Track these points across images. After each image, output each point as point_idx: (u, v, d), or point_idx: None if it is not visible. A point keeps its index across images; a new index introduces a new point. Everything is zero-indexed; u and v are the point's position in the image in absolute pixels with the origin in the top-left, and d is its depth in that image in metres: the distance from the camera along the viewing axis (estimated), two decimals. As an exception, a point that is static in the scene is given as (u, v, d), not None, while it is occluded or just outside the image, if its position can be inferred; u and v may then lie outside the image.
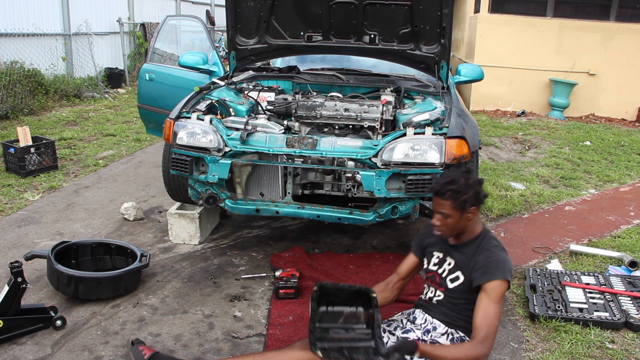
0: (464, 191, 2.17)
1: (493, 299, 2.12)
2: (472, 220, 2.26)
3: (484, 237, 2.29)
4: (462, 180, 2.20)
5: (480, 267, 2.19)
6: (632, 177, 5.89)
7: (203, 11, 15.37)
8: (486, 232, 2.32)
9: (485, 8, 9.50)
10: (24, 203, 4.62)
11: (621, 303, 3.14)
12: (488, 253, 2.22)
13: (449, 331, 2.31)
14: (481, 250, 2.24)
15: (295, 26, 3.97)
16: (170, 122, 3.39)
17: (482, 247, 2.25)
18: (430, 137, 3.13)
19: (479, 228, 2.32)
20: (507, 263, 2.20)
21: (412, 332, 2.36)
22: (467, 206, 2.19)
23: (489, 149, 6.97)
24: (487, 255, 2.21)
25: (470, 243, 2.29)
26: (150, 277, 3.42)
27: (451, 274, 2.32)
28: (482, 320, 2.09)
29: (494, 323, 2.09)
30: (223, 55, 5.98)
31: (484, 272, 2.17)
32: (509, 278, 2.16)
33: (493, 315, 2.10)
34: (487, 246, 2.25)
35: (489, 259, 2.19)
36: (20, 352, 2.64)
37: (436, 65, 3.88)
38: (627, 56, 9.08)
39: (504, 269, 2.17)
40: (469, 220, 2.25)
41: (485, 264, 2.18)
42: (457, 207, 2.18)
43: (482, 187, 2.25)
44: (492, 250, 2.23)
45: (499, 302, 2.12)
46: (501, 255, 2.21)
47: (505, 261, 2.20)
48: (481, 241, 2.28)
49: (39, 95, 8.19)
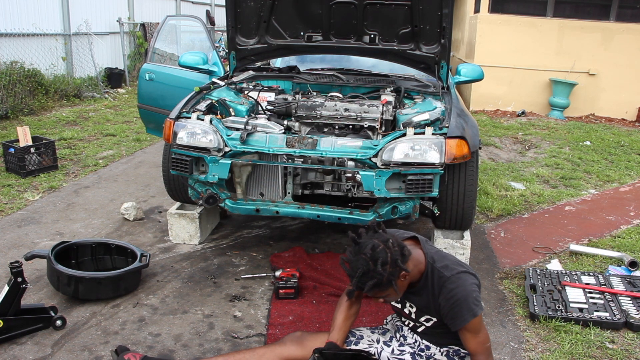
0: (380, 276, 1.93)
1: (474, 331, 2.07)
2: (409, 277, 2.06)
3: (431, 272, 2.11)
4: (372, 266, 1.93)
5: (447, 315, 2.07)
6: (632, 177, 5.89)
7: (203, 11, 15.37)
8: (432, 261, 2.12)
9: (485, 8, 9.50)
10: (24, 203, 4.62)
11: (621, 303, 3.14)
12: (447, 296, 2.05)
13: (442, 349, 2.27)
14: (437, 291, 2.08)
15: (295, 26, 3.97)
16: (170, 122, 3.39)
17: (436, 286, 2.09)
18: (430, 137, 3.12)
19: (421, 266, 2.11)
20: (470, 296, 2.03)
21: (408, 346, 2.33)
22: (394, 281, 1.98)
23: (489, 149, 6.97)
24: (447, 298, 2.05)
25: (422, 285, 2.12)
26: (150, 277, 3.42)
27: (420, 316, 2.22)
28: (476, 349, 2.08)
29: (487, 345, 2.10)
30: (223, 55, 5.98)
31: (453, 318, 2.06)
32: (479, 311, 2.03)
33: (483, 341, 2.09)
34: (441, 283, 2.08)
35: (451, 303, 2.04)
36: (20, 352, 2.64)
37: (436, 65, 3.88)
38: (627, 56, 9.08)
39: (470, 306, 2.02)
40: (407, 280, 2.06)
41: (450, 309, 2.05)
42: (386, 288, 1.98)
43: (396, 249, 1.99)
44: (449, 289, 2.05)
45: (481, 331, 2.08)
46: (460, 291, 2.04)
47: (467, 296, 2.03)
48: (432, 279, 2.10)
49: (39, 95, 8.19)
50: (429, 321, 2.21)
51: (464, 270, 2.11)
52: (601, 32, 9.12)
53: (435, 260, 2.13)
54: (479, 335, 2.08)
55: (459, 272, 2.09)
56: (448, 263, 2.13)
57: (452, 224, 3.57)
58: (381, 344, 2.34)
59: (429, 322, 2.21)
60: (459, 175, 3.37)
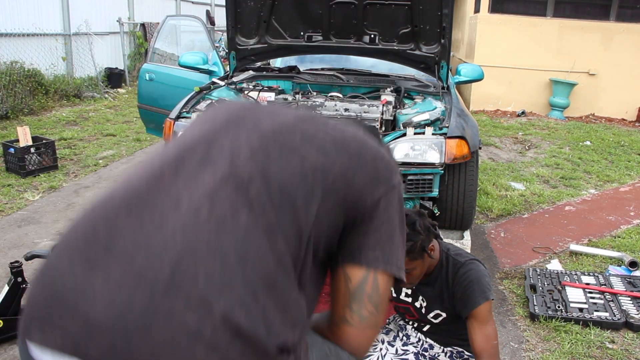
0: (416, 237, 1.91)
1: (482, 321, 2.00)
2: (434, 253, 2.05)
3: (446, 259, 2.10)
4: (408, 229, 1.88)
5: (460, 298, 2.04)
6: (632, 177, 5.89)
7: (203, 11, 15.36)
8: (446, 250, 2.13)
9: (485, 8, 9.50)
10: (24, 203, 4.61)
11: (621, 303, 3.14)
12: (461, 279, 2.04)
13: (446, 350, 2.25)
14: (452, 277, 2.07)
15: (295, 26, 3.97)
16: (170, 122, 3.39)
17: (450, 273, 2.08)
18: (430, 137, 3.13)
19: (438, 252, 2.10)
20: (483, 279, 2.03)
21: (412, 345, 2.32)
22: (425, 250, 1.96)
23: (489, 149, 6.97)
24: (460, 281, 2.04)
25: (437, 273, 2.11)
26: (150, 277, 3.41)
27: (430, 311, 2.18)
28: (481, 346, 1.98)
29: (493, 343, 1.99)
30: (223, 55, 5.98)
31: (465, 302, 2.02)
32: (490, 296, 2.01)
33: (490, 336, 2.00)
34: (456, 269, 2.07)
35: (464, 285, 2.02)
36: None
37: (436, 65, 3.89)
38: (627, 56, 9.07)
39: (483, 288, 2.01)
40: (430, 257, 2.03)
41: (463, 292, 2.02)
42: (416, 257, 1.95)
43: (427, 219, 1.99)
44: (462, 272, 2.05)
45: (489, 321, 2.01)
46: (473, 273, 2.04)
47: (480, 278, 2.02)
48: (447, 266, 2.09)
49: (39, 95, 8.19)
50: (437, 317, 2.19)
51: (476, 259, 2.13)
52: (601, 32, 9.11)
53: (449, 249, 2.15)
54: (487, 327, 2.00)
55: (472, 259, 2.10)
56: (461, 252, 2.15)
57: (452, 224, 3.57)
58: (386, 345, 2.32)
59: (437, 318, 2.19)
60: (459, 175, 3.37)
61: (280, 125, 1.14)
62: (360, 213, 1.11)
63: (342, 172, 1.09)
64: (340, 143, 1.13)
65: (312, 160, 1.07)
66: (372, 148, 1.17)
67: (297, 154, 1.08)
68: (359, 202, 1.10)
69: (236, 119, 1.16)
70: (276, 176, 1.04)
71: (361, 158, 1.13)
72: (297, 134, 1.12)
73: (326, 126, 1.17)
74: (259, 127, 1.12)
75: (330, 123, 1.20)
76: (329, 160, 1.09)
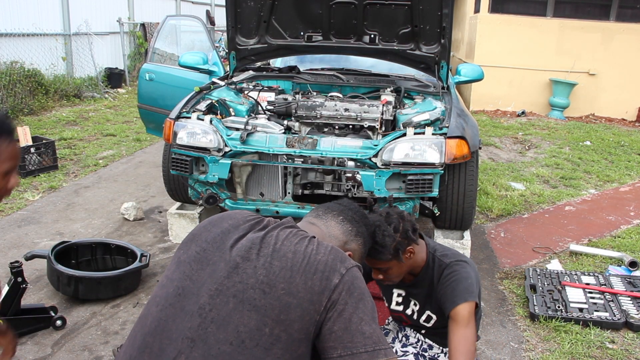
0: (390, 239, 1.90)
1: (461, 323, 1.91)
2: (414, 256, 2.02)
3: (433, 260, 2.08)
4: (384, 228, 1.91)
5: (441, 299, 2.01)
6: (632, 177, 5.89)
7: (203, 11, 15.37)
8: (432, 251, 2.10)
9: (485, 8, 9.50)
10: (24, 203, 4.61)
11: (621, 303, 3.14)
12: (444, 280, 2.00)
13: (445, 350, 2.23)
14: (437, 278, 2.05)
15: (295, 26, 3.97)
16: (170, 122, 3.39)
17: (436, 274, 2.06)
18: (430, 137, 3.13)
19: (423, 254, 2.08)
20: (466, 281, 1.97)
21: (411, 346, 2.31)
22: (400, 253, 1.94)
23: (489, 149, 6.97)
24: (443, 282, 2.01)
25: (424, 274, 2.09)
26: (151, 277, 3.42)
27: (421, 315, 2.17)
28: (456, 348, 1.88)
29: (469, 348, 1.88)
30: (223, 55, 5.98)
31: (445, 302, 1.99)
32: (471, 298, 1.92)
33: (468, 338, 1.89)
34: (441, 270, 2.05)
35: (446, 286, 1.99)
36: (20, 352, 2.63)
37: (436, 65, 3.89)
38: (627, 56, 9.08)
39: (464, 290, 1.95)
40: (412, 259, 2.01)
41: (444, 293, 1.99)
42: (391, 258, 1.93)
43: (408, 222, 1.99)
44: (446, 274, 2.01)
45: (468, 324, 1.91)
46: (456, 274, 1.99)
47: (463, 279, 1.97)
48: (433, 267, 2.07)
49: (39, 95, 8.19)
50: (429, 320, 2.18)
51: (464, 260, 2.08)
52: (601, 32, 9.11)
53: (436, 250, 2.13)
54: (465, 330, 1.90)
55: (458, 260, 2.07)
56: (448, 253, 2.12)
57: (452, 224, 3.57)
58: None
59: (429, 321, 2.18)
60: (459, 175, 3.37)
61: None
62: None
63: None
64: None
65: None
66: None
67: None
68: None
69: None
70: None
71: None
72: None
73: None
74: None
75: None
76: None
